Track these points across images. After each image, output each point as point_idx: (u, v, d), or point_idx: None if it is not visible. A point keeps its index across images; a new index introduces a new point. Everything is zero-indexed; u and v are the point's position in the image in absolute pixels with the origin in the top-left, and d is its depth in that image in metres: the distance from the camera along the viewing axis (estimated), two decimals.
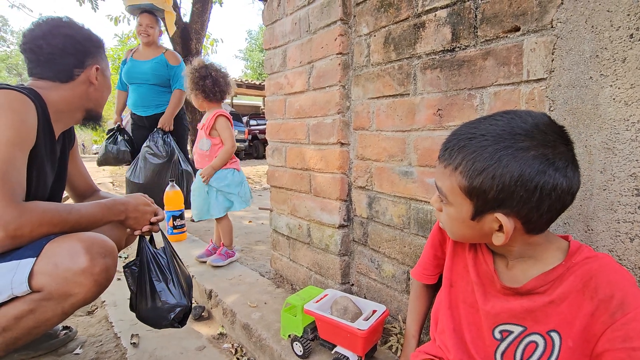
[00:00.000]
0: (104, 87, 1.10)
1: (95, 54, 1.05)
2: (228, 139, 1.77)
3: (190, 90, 1.76)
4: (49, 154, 1.02)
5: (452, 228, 0.64)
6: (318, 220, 1.30)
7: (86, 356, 1.24)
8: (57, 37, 0.98)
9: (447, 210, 0.62)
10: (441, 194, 0.61)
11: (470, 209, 0.57)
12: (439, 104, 0.90)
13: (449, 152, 0.58)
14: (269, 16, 1.43)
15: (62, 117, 1.04)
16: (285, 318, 1.07)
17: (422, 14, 0.91)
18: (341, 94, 1.15)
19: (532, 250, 0.59)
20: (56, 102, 1.00)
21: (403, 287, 1.06)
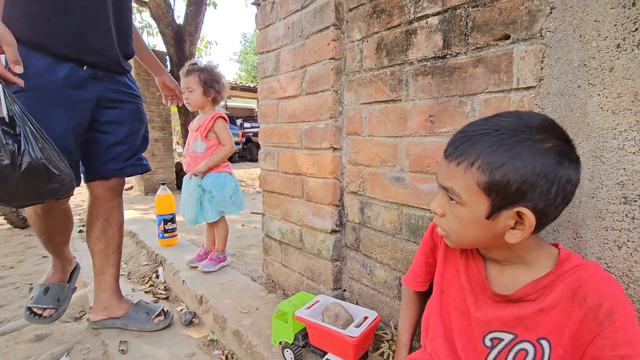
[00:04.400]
0: None
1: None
2: (228, 141, 1.77)
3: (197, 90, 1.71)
4: None
5: (461, 232, 0.59)
6: (310, 225, 1.29)
7: None
8: None
9: (458, 212, 0.58)
10: (452, 195, 0.57)
11: (487, 207, 0.54)
12: (431, 110, 0.90)
13: (460, 148, 0.56)
14: (262, 20, 1.43)
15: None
16: (276, 324, 1.06)
17: (413, 21, 0.92)
18: (334, 99, 1.15)
19: (526, 255, 0.60)
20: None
21: (395, 293, 1.06)
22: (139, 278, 1.96)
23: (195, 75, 1.70)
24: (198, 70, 1.72)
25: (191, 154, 1.78)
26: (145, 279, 1.93)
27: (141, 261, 2.17)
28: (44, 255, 2.44)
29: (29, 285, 1.91)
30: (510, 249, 0.59)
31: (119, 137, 1.32)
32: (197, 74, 1.70)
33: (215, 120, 1.74)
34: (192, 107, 1.75)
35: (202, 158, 1.75)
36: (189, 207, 1.76)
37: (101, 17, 1.19)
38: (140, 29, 6.42)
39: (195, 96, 1.71)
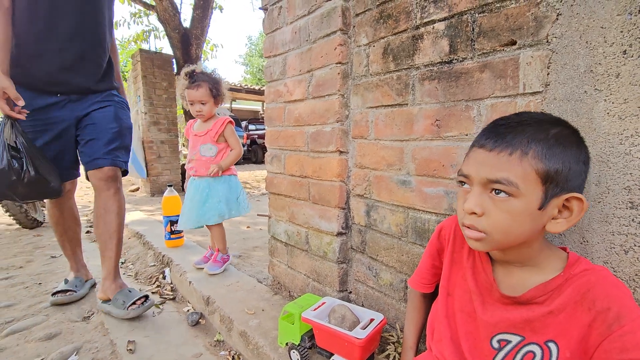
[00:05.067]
0: None
1: None
2: (237, 144, 1.79)
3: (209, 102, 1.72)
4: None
5: (511, 228, 0.55)
6: (316, 227, 1.30)
7: None
8: None
9: (509, 206, 0.54)
10: (506, 186, 0.53)
11: (540, 197, 0.54)
12: (437, 114, 0.91)
13: (508, 138, 0.55)
14: (269, 25, 1.44)
15: None
16: (282, 326, 1.07)
17: (420, 26, 0.93)
18: (340, 102, 1.16)
19: (537, 256, 0.60)
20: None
21: (401, 295, 1.06)
22: (146, 279, 1.98)
23: (205, 87, 1.70)
24: (206, 81, 1.71)
25: (201, 158, 1.77)
26: (152, 279, 1.95)
27: (148, 262, 2.19)
28: (52, 256, 2.48)
29: (38, 284, 1.94)
30: (530, 247, 0.59)
31: (92, 134, 1.54)
32: (207, 86, 1.70)
33: (227, 125, 1.75)
34: (205, 117, 1.76)
35: (213, 161, 1.75)
36: (194, 209, 1.75)
37: (67, 56, 1.46)
38: (147, 32, 6.50)
39: (208, 107, 1.73)
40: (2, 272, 2.14)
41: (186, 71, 1.72)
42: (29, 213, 3.21)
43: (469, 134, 0.84)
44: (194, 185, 1.79)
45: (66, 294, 1.66)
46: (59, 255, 2.50)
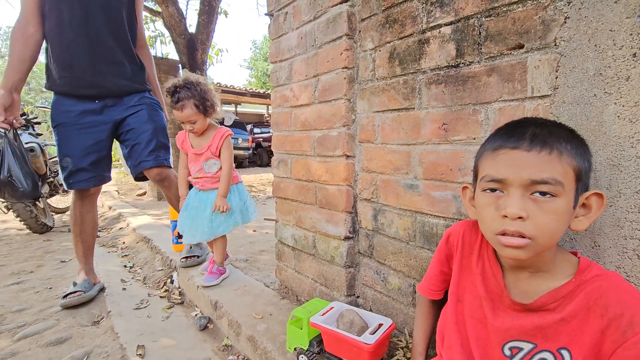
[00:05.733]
0: None
1: None
2: (227, 160, 1.64)
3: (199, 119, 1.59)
4: None
5: (557, 230, 0.53)
6: (323, 231, 1.31)
7: None
8: None
9: (554, 207, 0.52)
10: (553, 186, 0.52)
11: (574, 195, 0.54)
12: (444, 118, 0.91)
13: (541, 137, 0.54)
14: (275, 30, 1.45)
15: None
16: (291, 331, 1.07)
17: (426, 30, 0.93)
18: (347, 107, 1.16)
19: (549, 261, 0.60)
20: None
21: (409, 300, 1.06)
22: (154, 283, 1.99)
23: (190, 105, 1.53)
24: (190, 97, 1.53)
25: (206, 175, 1.67)
26: (160, 284, 1.96)
27: (156, 266, 2.21)
28: (62, 260, 2.51)
29: (49, 288, 1.97)
30: (551, 250, 0.59)
31: (133, 140, 1.71)
32: (192, 103, 1.54)
33: (225, 139, 1.65)
34: (198, 134, 1.65)
35: (218, 176, 1.66)
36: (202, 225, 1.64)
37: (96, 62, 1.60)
38: (153, 38, 6.58)
39: (199, 125, 1.60)
40: (14, 277, 2.17)
41: (167, 88, 1.56)
42: (39, 218, 3.26)
43: (477, 138, 0.84)
44: (199, 198, 1.69)
45: (76, 294, 1.68)
46: (68, 259, 2.53)
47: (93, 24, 1.56)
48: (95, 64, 1.59)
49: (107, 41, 1.61)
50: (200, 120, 1.60)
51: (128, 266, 2.33)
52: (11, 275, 2.21)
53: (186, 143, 1.71)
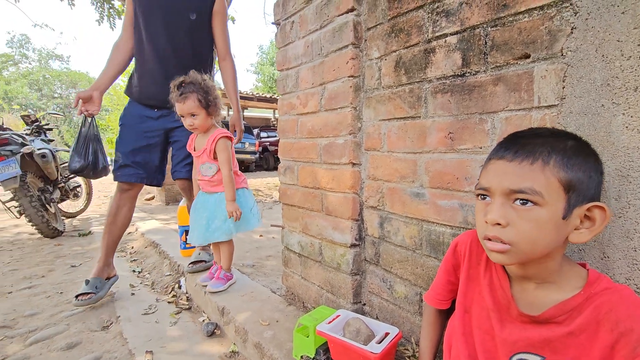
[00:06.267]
0: None
1: None
2: (225, 164, 1.60)
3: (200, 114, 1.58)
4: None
5: (538, 238, 0.55)
6: (330, 239, 1.31)
7: None
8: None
9: (535, 216, 0.54)
10: (530, 196, 0.53)
11: (564, 206, 0.54)
12: (450, 127, 0.91)
13: (528, 147, 0.56)
14: (282, 39, 1.47)
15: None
16: (297, 338, 1.07)
17: (432, 40, 0.94)
18: (353, 115, 1.17)
19: (556, 272, 0.59)
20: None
21: (416, 308, 1.06)
22: (162, 288, 2.01)
23: (193, 98, 1.55)
24: (193, 90, 1.55)
25: (203, 178, 1.67)
26: (168, 289, 1.98)
27: (164, 271, 2.23)
28: (72, 265, 2.55)
29: (59, 293, 2.00)
30: (553, 261, 0.59)
31: (174, 151, 1.94)
32: (195, 96, 1.55)
33: (218, 140, 1.61)
34: (199, 131, 1.64)
35: (215, 180, 1.66)
36: (199, 227, 1.66)
37: (157, 75, 1.83)
38: None
39: (200, 120, 1.58)
40: (25, 281, 2.21)
41: (174, 83, 1.58)
42: (50, 222, 3.32)
43: (483, 147, 0.84)
44: (201, 201, 1.71)
45: (86, 297, 1.73)
46: (78, 264, 2.57)
47: (160, 42, 1.81)
48: (157, 77, 1.82)
49: (170, 58, 1.83)
50: (201, 116, 1.58)
51: (137, 271, 2.35)
52: (23, 279, 2.25)
53: (191, 145, 1.72)
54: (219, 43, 1.94)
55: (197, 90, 1.56)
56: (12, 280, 2.23)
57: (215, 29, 1.92)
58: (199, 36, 1.88)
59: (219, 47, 1.95)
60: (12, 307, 1.81)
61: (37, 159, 3.33)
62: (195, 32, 1.86)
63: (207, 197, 1.70)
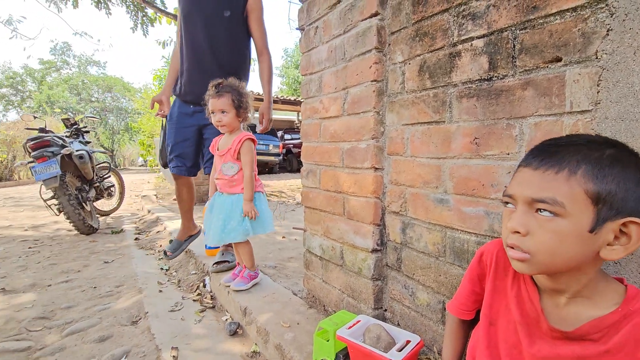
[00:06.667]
0: None
1: None
2: (248, 166, 1.67)
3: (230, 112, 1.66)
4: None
5: (558, 250, 0.53)
6: (351, 243, 1.31)
7: None
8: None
9: (555, 226, 0.52)
10: (551, 206, 0.52)
11: (592, 219, 0.51)
12: (476, 132, 0.89)
13: (556, 157, 0.54)
14: (305, 44, 1.49)
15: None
16: (317, 342, 1.08)
17: (457, 44, 0.92)
18: (375, 119, 1.17)
19: (591, 287, 0.57)
20: None
21: (438, 317, 1.03)
22: (188, 286, 2.08)
23: (227, 96, 1.64)
24: (229, 90, 1.65)
25: (223, 177, 1.72)
26: (193, 287, 2.04)
27: (190, 270, 2.30)
28: (105, 261, 2.68)
29: (93, 288, 2.11)
30: (584, 274, 0.56)
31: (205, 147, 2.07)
32: (229, 96, 1.64)
33: (243, 142, 1.67)
34: (225, 129, 1.69)
35: (235, 180, 1.70)
36: (215, 228, 1.69)
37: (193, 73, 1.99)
38: None
39: (228, 118, 1.66)
40: (63, 275, 2.35)
41: (213, 83, 1.69)
42: (86, 220, 3.50)
43: (511, 153, 0.81)
44: (218, 202, 1.74)
45: (169, 254, 2.24)
46: (111, 260, 2.70)
47: (198, 41, 1.94)
48: (193, 75, 1.99)
49: (205, 55, 1.96)
50: (230, 115, 1.66)
51: (164, 269, 2.44)
52: (61, 273, 2.39)
53: (214, 146, 1.78)
54: (255, 39, 2.03)
55: (233, 91, 1.67)
56: (51, 274, 2.37)
57: (251, 25, 2.00)
58: (234, 33, 1.97)
59: (255, 42, 2.04)
60: (51, 300, 1.93)
61: (76, 159, 3.53)
62: (230, 29, 1.95)
63: (224, 198, 1.73)
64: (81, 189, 3.73)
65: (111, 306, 1.83)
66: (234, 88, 1.67)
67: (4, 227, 4.06)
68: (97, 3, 6.46)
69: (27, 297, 1.97)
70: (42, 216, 4.72)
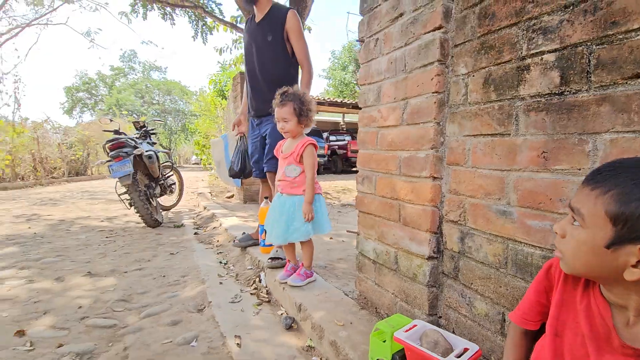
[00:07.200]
0: None
1: None
2: (310, 169, 1.79)
3: (292, 120, 1.79)
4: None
5: (576, 255, 0.61)
6: (406, 249, 1.34)
7: (200, 349, 1.46)
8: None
9: (577, 234, 0.61)
10: (577, 215, 0.60)
11: (609, 236, 0.56)
12: (544, 146, 0.89)
13: (601, 176, 0.59)
14: (365, 55, 1.55)
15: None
16: (374, 342, 1.13)
17: (526, 57, 0.92)
18: (436, 130, 1.19)
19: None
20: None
21: (497, 327, 1.04)
22: (245, 280, 2.23)
23: (290, 105, 1.78)
24: (292, 100, 1.78)
25: (286, 179, 1.83)
26: (250, 281, 2.18)
27: (246, 265, 2.46)
28: (171, 253, 2.94)
29: (162, 276, 2.34)
30: (633, 291, 0.57)
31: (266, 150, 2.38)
32: (292, 105, 1.78)
33: (306, 147, 1.80)
34: (288, 135, 1.85)
35: (296, 182, 1.82)
36: (278, 228, 1.80)
37: (255, 90, 2.40)
38: None
39: (290, 126, 1.80)
40: (136, 264, 2.63)
41: (279, 91, 1.83)
42: (153, 214, 3.86)
43: (582, 169, 0.81)
44: (280, 202, 1.85)
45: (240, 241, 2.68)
46: (175, 252, 2.96)
47: (252, 65, 2.36)
48: (251, 92, 2.42)
49: (257, 74, 2.34)
50: (292, 123, 1.81)
51: (223, 262, 2.63)
52: (134, 262, 2.68)
53: (279, 149, 1.94)
54: (296, 53, 2.31)
55: (295, 100, 1.80)
56: (126, 262, 2.66)
57: (292, 43, 2.29)
58: (276, 52, 2.29)
59: (297, 56, 2.32)
60: (129, 285, 2.18)
61: (145, 159, 3.91)
62: (273, 50, 2.29)
63: (285, 199, 1.85)
64: (149, 186, 4.11)
65: (179, 294, 2.03)
66: (296, 97, 1.80)
67: (83, 217, 4.59)
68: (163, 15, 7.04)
69: (108, 281, 2.24)
70: (114, 209, 5.26)
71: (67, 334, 1.57)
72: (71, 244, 3.21)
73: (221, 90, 11.73)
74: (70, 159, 11.36)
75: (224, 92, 11.18)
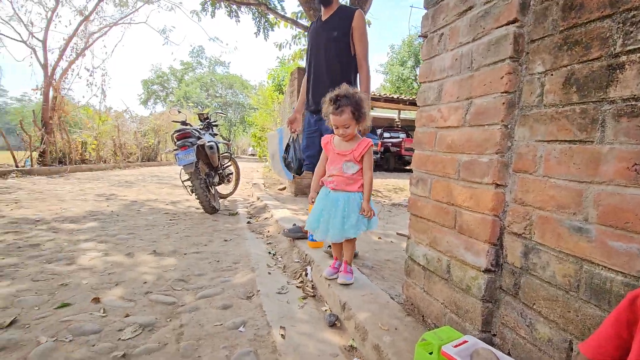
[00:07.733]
0: None
1: None
2: (369, 169, 1.84)
3: (352, 125, 1.79)
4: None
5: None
6: (460, 258, 1.26)
7: (247, 335, 1.53)
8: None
9: None
10: None
11: None
12: (637, 157, 0.77)
13: None
14: (427, 51, 1.47)
15: None
16: (419, 353, 1.09)
17: (620, 54, 0.80)
18: (502, 133, 1.10)
19: None
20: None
21: (562, 356, 0.93)
22: (292, 273, 2.28)
23: (347, 112, 1.75)
24: (347, 104, 1.75)
25: (342, 174, 1.84)
26: (296, 274, 2.23)
27: (293, 258, 2.52)
28: (225, 239, 3.11)
29: (217, 261, 2.48)
30: None
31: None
32: (349, 110, 1.75)
33: (370, 147, 1.83)
34: (347, 139, 1.84)
35: (353, 179, 1.83)
36: (334, 226, 1.81)
37: (315, 88, 2.50)
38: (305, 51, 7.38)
39: (351, 130, 1.80)
40: (194, 247, 2.82)
41: (330, 97, 1.80)
42: (211, 201, 4.11)
43: None
44: (330, 199, 1.85)
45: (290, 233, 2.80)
46: (229, 239, 3.12)
47: (317, 60, 2.48)
48: (313, 88, 2.51)
49: (322, 71, 2.45)
50: (352, 126, 1.80)
51: (272, 253, 2.72)
52: (193, 245, 2.88)
53: (330, 145, 1.92)
54: (357, 52, 2.38)
55: (351, 104, 1.76)
56: (186, 245, 2.88)
57: (355, 41, 2.37)
58: (340, 48, 2.38)
59: (357, 55, 2.39)
60: (187, 266, 2.35)
61: (207, 149, 4.17)
62: (338, 46, 2.38)
63: (336, 195, 1.84)
64: (209, 175, 4.38)
65: (230, 280, 2.14)
66: (351, 100, 1.75)
67: (152, 200, 5.05)
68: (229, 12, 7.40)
69: (170, 261, 2.44)
70: (178, 194, 5.71)
71: (133, 306, 1.74)
72: (141, 223, 3.54)
73: (279, 84, 12.08)
74: (144, 145, 12.57)
75: (282, 87, 11.50)
